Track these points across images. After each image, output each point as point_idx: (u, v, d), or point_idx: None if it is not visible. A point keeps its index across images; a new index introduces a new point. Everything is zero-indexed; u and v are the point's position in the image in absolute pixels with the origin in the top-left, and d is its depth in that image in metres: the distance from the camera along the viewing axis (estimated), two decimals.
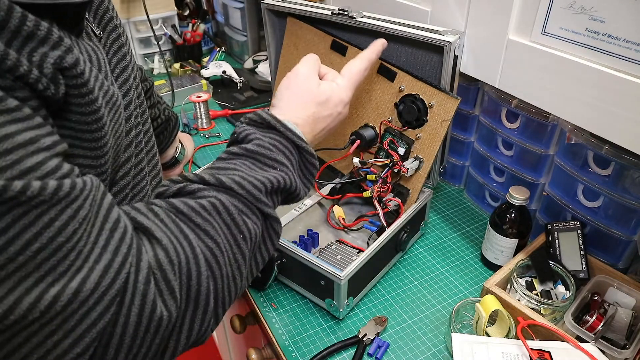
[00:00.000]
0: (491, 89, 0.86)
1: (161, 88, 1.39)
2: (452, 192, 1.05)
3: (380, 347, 0.69)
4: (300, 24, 0.92)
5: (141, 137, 0.59)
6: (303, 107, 0.59)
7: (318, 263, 0.70)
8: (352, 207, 0.96)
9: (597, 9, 0.55)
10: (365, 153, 0.88)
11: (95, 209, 0.37)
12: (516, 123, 0.85)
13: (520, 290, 0.70)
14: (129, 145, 0.54)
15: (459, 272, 0.84)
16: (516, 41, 0.66)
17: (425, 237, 0.92)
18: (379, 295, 0.79)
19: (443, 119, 0.76)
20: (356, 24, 0.82)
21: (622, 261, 0.76)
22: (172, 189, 0.47)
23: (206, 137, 1.22)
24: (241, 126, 0.55)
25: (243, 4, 1.51)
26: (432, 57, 0.78)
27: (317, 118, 0.60)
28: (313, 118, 0.60)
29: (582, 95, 0.59)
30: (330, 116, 0.62)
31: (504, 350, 0.62)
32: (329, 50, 0.89)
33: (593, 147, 0.71)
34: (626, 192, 0.70)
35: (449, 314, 0.72)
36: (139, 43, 1.58)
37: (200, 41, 1.64)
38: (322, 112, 0.61)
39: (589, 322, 0.67)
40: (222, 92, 1.45)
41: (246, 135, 0.53)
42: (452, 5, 0.75)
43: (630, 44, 0.52)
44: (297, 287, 0.77)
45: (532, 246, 0.79)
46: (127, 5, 1.48)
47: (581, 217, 0.78)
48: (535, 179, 0.86)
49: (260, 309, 0.77)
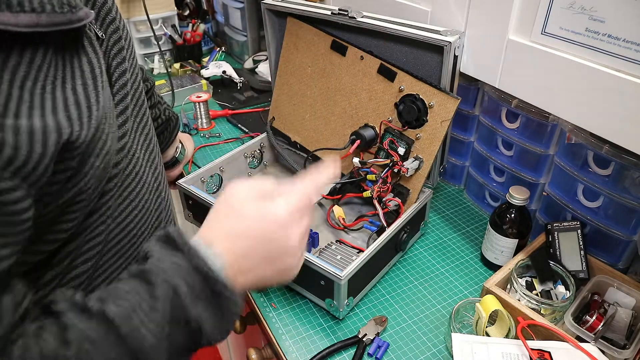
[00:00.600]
0: (491, 89, 0.86)
1: (161, 88, 1.39)
2: (452, 192, 1.05)
3: (380, 347, 0.69)
4: (300, 24, 0.92)
5: (137, 140, 0.59)
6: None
7: (318, 263, 0.70)
8: (352, 207, 0.96)
9: (597, 9, 0.55)
10: (365, 153, 0.88)
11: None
12: (516, 123, 0.85)
13: (520, 290, 0.70)
14: (121, 149, 0.54)
15: (459, 272, 0.84)
16: (516, 41, 0.66)
17: (425, 237, 0.92)
18: (379, 295, 0.79)
19: (443, 119, 0.76)
20: (356, 24, 0.82)
21: (622, 261, 0.76)
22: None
23: (206, 137, 1.22)
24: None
25: (243, 4, 1.51)
26: (432, 57, 0.78)
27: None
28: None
29: (582, 95, 0.59)
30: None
31: (504, 350, 0.62)
32: (329, 50, 0.89)
33: (593, 147, 0.71)
34: (626, 192, 0.70)
35: (449, 314, 0.72)
36: (139, 43, 1.58)
37: (200, 41, 1.64)
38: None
39: (589, 322, 0.67)
40: (222, 92, 1.45)
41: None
42: (452, 5, 0.75)
43: (630, 44, 0.52)
44: (297, 287, 0.77)
45: (532, 246, 0.79)
46: (127, 5, 1.48)
47: (581, 217, 0.78)
48: (535, 179, 0.86)
49: (260, 309, 0.77)
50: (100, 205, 0.52)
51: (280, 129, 1.04)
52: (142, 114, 0.61)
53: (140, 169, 0.59)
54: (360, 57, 0.85)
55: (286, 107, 1.01)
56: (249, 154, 1.02)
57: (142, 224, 0.60)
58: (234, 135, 1.22)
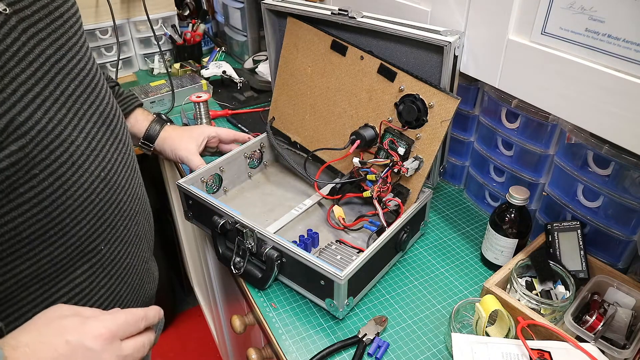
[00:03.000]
0: (491, 89, 0.86)
1: (161, 88, 1.39)
2: (452, 192, 1.05)
3: (380, 347, 0.69)
4: (300, 24, 0.92)
5: (77, 128, 0.58)
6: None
7: (318, 263, 0.70)
8: (352, 207, 0.96)
9: (597, 9, 0.55)
10: (365, 153, 0.88)
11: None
12: (516, 123, 0.85)
13: (520, 290, 0.70)
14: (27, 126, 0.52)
15: (459, 272, 0.84)
16: (516, 41, 0.66)
17: (425, 237, 0.92)
18: (379, 295, 0.79)
19: (443, 119, 0.76)
20: (356, 24, 0.82)
21: (621, 261, 0.76)
22: None
23: None
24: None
25: (243, 4, 1.51)
26: (432, 57, 0.78)
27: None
28: None
29: (582, 95, 0.59)
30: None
31: (504, 350, 0.62)
32: (329, 50, 0.89)
33: (593, 147, 0.71)
34: (626, 192, 0.70)
35: (449, 314, 0.72)
36: (139, 43, 1.58)
37: (200, 41, 1.64)
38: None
39: (588, 322, 0.67)
40: (222, 92, 1.45)
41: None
42: (452, 5, 0.75)
43: (630, 44, 0.52)
44: (297, 287, 0.77)
45: (532, 246, 0.79)
46: (127, 5, 1.48)
47: (581, 217, 0.78)
48: (535, 179, 0.86)
49: (260, 309, 0.77)
50: (22, 192, 0.52)
51: (280, 129, 1.04)
52: (87, 105, 0.60)
53: (80, 158, 0.58)
54: (360, 57, 0.85)
55: (286, 107, 1.01)
56: (249, 154, 1.02)
57: (80, 213, 0.59)
58: None
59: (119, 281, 0.68)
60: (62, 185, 0.56)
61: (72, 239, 0.59)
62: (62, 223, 0.57)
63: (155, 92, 1.36)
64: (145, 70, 1.63)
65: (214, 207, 0.82)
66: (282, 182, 1.04)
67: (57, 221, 0.56)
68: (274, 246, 0.75)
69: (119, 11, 1.47)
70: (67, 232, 0.58)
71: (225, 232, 0.82)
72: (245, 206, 0.96)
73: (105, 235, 0.63)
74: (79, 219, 0.59)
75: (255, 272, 0.79)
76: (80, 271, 0.61)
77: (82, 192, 0.58)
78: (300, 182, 1.03)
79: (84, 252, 0.61)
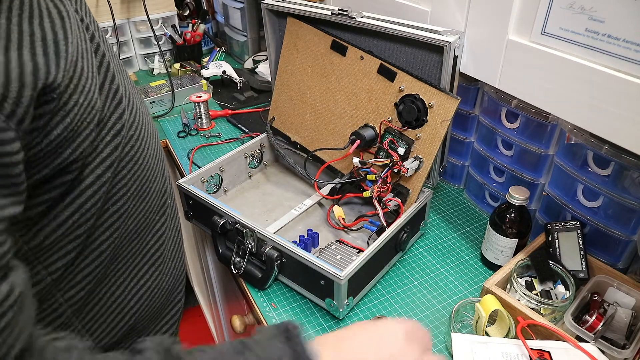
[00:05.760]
0: (491, 89, 0.86)
1: (161, 88, 1.39)
2: (452, 192, 1.05)
3: None
4: (300, 24, 0.92)
5: (137, 102, 0.61)
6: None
7: (318, 263, 0.70)
8: (352, 207, 0.96)
9: (597, 9, 0.55)
10: (365, 153, 0.88)
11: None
12: (516, 123, 0.85)
13: (520, 290, 0.70)
14: (120, 104, 0.54)
15: (459, 272, 0.84)
16: (516, 41, 0.66)
17: (425, 237, 0.92)
18: (379, 295, 0.79)
19: (443, 119, 0.77)
20: (356, 24, 0.82)
21: (621, 261, 0.76)
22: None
23: (206, 137, 1.22)
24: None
25: (243, 4, 1.51)
26: (432, 57, 0.78)
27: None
28: None
29: (582, 95, 0.59)
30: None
31: (503, 350, 0.63)
32: (329, 50, 0.89)
33: (593, 147, 0.71)
34: (626, 192, 0.70)
35: (449, 314, 0.72)
36: (139, 43, 1.58)
37: (200, 41, 1.64)
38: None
39: (588, 322, 0.67)
40: (222, 92, 1.45)
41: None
42: (452, 5, 0.75)
43: (630, 44, 0.52)
44: (297, 287, 0.77)
45: (532, 246, 0.79)
46: (127, 5, 1.48)
47: (581, 217, 0.78)
48: (535, 179, 0.86)
49: (260, 309, 0.77)
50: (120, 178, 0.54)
51: (280, 129, 1.04)
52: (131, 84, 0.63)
53: (143, 119, 0.60)
54: (360, 57, 0.85)
55: (286, 107, 1.01)
56: (249, 154, 1.02)
57: (155, 171, 0.62)
58: (234, 135, 1.23)
59: (179, 232, 0.72)
60: (145, 145, 0.59)
61: (154, 193, 0.62)
62: (150, 179, 0.60)
63: (155, 92, 1.36)
64: (146, 70, 1.63)
65: (214, 207, 0.82)
66: (282, 182, 1.04)
67: (147, 176, 0.60)
68: (274, 246, 0.75)
69: (119, 11, 1.47)
70: (153, 187, 0.61)
71: (225, 232, 0.82)
72: (245, 206, 0.96)
73: (167, 189, 0.67)
74: (156, 175, 0.62)
75: (255, 272, 0.79)
76: (160, 224, 0.64)
77: (153, 151, 0.62)
78: (300, 182, 1.03)
79: (159, 205, 0.64)
